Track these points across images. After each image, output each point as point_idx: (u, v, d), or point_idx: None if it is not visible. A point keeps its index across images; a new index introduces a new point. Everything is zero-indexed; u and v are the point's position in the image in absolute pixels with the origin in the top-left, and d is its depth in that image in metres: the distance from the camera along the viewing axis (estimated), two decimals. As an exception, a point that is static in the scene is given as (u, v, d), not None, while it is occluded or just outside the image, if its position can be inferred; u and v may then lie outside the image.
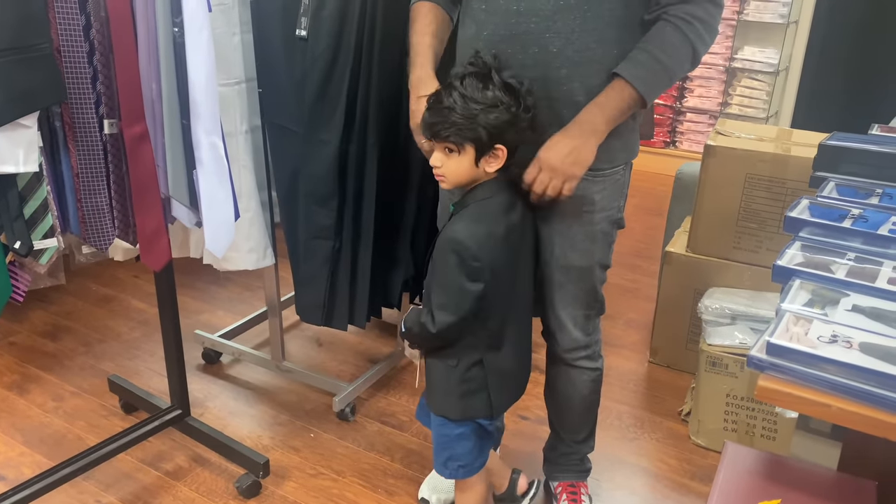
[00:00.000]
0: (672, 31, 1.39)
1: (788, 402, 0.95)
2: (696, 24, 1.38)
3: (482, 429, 1.56)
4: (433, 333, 1.42)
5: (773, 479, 1.21)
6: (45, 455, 2.04)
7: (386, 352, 2.55)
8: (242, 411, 2.26)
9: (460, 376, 1.48)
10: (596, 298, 1.65)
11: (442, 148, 1.37)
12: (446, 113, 1.33)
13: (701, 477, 2.04)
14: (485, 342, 1.47)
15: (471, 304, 1.39)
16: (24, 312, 2.73)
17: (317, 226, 1.93)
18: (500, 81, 1.34)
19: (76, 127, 1.40)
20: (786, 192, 2.18)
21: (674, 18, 1.38)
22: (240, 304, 2.88)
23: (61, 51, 1.34)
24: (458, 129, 1.32)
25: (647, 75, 1.39)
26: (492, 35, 1.43)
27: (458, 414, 1.52)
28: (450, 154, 1.36)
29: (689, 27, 1.38)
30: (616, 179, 1.55)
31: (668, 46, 1.39)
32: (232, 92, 1.87)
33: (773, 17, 4.06)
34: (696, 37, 1.39)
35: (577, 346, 1.67)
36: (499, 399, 1.54)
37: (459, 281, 1.38)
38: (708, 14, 1.40)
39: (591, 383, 1.74)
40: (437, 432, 1.58)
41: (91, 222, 1.47)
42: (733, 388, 2.07)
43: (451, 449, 1.56)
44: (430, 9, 1.54)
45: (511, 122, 1.34)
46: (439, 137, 1.35)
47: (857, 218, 1.28)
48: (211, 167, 1.51)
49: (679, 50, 1.40)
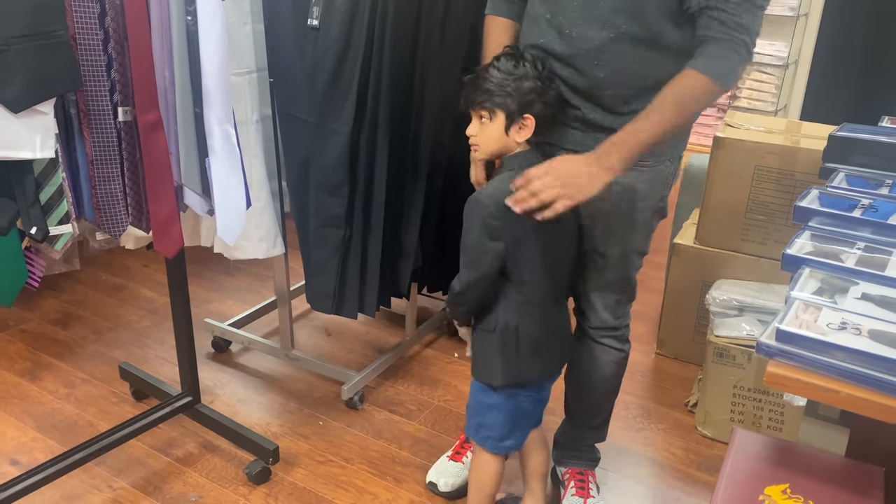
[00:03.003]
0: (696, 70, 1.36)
1: (797, 388, 0.96)
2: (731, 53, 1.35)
3: (518, 405, 1.58)
4: (458, 291, 1.50)
5: (780, 465, 1.22)
6: (58, 441, 2.07)
7: (394, 341, 2.56)
8: (252, 399, 2.28)
9: (498, 342, 1.53)
10: (629, 284, 1.66)
11: (477, 115, 1.46)
12: (481, 82, 1.44)
13: (707, 467, 2.05)
14: (520, 307, 1.51)
15: (491, 262, 1.45)
16: (35, 300, 2.75)
17: (327, 214, 1.94)
18: (531, 59, 1.44)
19: (91, 114, 1.41)
20: (794, 184, 2.18)
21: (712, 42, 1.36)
22: (249, 293, 2.90)
23: (77, 38, 1.35)
24: (490, 95, 1.42)
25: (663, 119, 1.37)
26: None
27: (501, 379, 1.55)
28: (482, 122, 1.45)
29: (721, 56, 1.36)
30: (661, 171, 1.55)
31: (687, 89, 1.37)
32: (243, 81, 1.88)
33: (783, 10, 4.05)
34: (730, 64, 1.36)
35: (604, 326, 1.69)
36: (531, 366, 1.57)
37: (481, 239, 1.44)
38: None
39: (614, 365, 1.74)
40: (473, 397, 1.63)
41: (105, 209, 1.49)
42: (740, 379, 2.08)
43: (483, 416, 1.61)
44: (503, 28, 1.59)
45: (539, 93, 1.43)
46: (474, 105, 1.45)
47: (867, 208, 1.29)
48: (223, 155, 1.52)
49: (700, 89, 1.37)
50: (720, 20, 1.33)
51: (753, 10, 1.33)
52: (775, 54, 4.13)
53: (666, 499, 1.95)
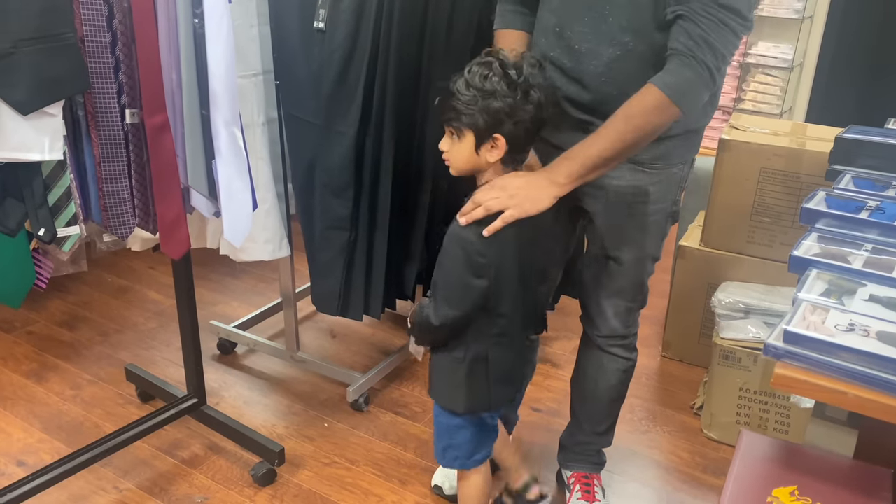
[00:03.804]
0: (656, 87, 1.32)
1: (805, 390, 0.96)
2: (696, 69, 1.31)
3: (482, 422, 1.57)
4: (435, 326, 1.43)
5: (788, 467, 1.22)
6: (64, 442, 2.07)
7: (399, 343, 2.56)
8: (257, 401, 2.29)
9: (465, 371, 1.48)
10: (641, 291, 1.65)
11: (448, 132, 1.40)
12: (449, 98, 1.36)
13: (713, 470, 2.05)
14: (492, 337, 1.47)
15: (474, 300, 1.40)
16: (41, 302, 2.76)
17: (333, 216, 1.94)
18: (501, 72, 1.33)
19: (98, 116, 1.42)
20: (800, 186, 2.18)
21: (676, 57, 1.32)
22: (255, 295, 2.90)
23: (85, 40, 1.36)
24: (456, 113, 1.35)
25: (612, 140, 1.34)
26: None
27: (464, 408, 1.53)
28: (452, 138, 1.40)
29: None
30: (673, 174, 1.54)
31: (641, 107, 1.33)
32: (249, 84, 1.88)
33: (788, 13, 4.04)
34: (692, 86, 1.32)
35: (613, 335, 1.68)
36: (499, 393, 1.55)
37: (464, 276, 1.38)
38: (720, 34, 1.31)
39: (621, 373, 1.74)
40: (437, 421, 1.60)
41: (112, 210, 1.49)
42: (746, 381, 2.07)
43: (450, 438, 1.58)
44: (517, 40, 1.54)
45: (508, 113, 1.33)
46: (444, 120, 1.39)
47: (874, 209, 1.29)
48: (230, 157, 1.53)
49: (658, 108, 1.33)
50: (688, 32, 1.28)
51: (725, 31, 1.28)
52: (780, 56, 4.12)
53: (672, 502, 1.95)
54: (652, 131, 1.34)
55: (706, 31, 1.27)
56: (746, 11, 1.29)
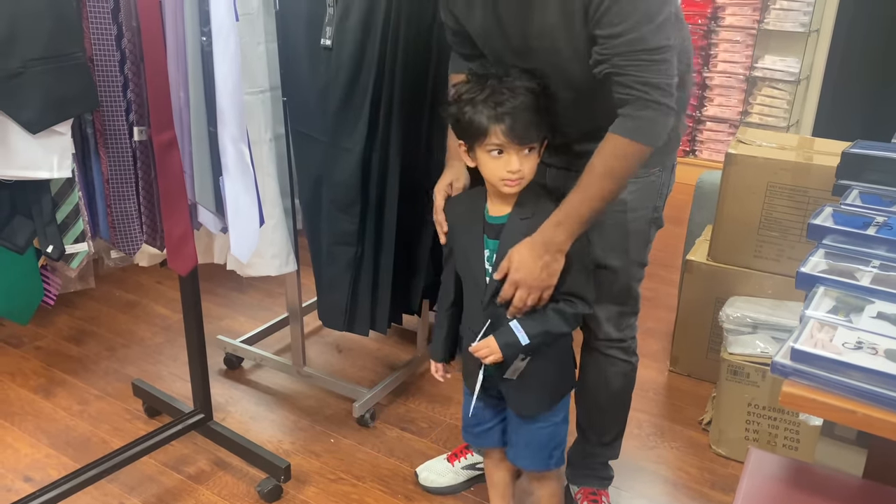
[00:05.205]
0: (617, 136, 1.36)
1: (813, 408, 0.95)
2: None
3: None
4: (562, 332, 1.49)
5: (797, 486, 1.20)
6: (71, 457, 2.07)
7: (405, 358, 2.56)
8: (263, 416, 2.28)
9: (570, 356, 1.59)
10: (630, 296, 1.66)
11: (523, 152, 1.37)
12: (527, 115, 1.34)
13: (722, 486, 2.03)
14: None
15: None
16: (49, 317, 2.77)
17: (340, 232, 1.95)
18: (522, 76, 1.38)
19: (107, 134, 1.43)
20: (808, 200, 2.17)
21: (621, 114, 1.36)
22: (261, 310, 2.91)
23: (94, 60, 1.37)
24: (536, 127, 1.36)
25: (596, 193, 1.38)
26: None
27: (573, 382, 1.62)
28: (527, 155, 1.38)
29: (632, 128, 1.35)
30: (651, 181, 1.56)
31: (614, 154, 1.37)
32: (256, 100, 1.89)
33: (794, 26, 4.05)
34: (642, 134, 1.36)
35: (609, 339, 1.70)
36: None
37: (590, 267, 1.49)
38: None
39: (621, 377, 1.74)
40: (543, 431, 1.58)
41: (120, 227, 1.50)
42: (755, 397, 2.06)
43: (557, 435, 1.60)
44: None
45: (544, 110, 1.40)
46: (524, 141, 1.36)
47: (882, 226, 1.28)
48: (237, 174, 1.54)
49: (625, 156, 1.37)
50: (624, 84, 1.31)
51: (657, 66, 1.30)
52: (787, 70, 4.13)
53: (680, 518, 1.93)
54: (632, 174, 1.40)
55: (640, 75, 1.30)
56: (664, 40, 1.30)
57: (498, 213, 1.47)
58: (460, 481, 1.98)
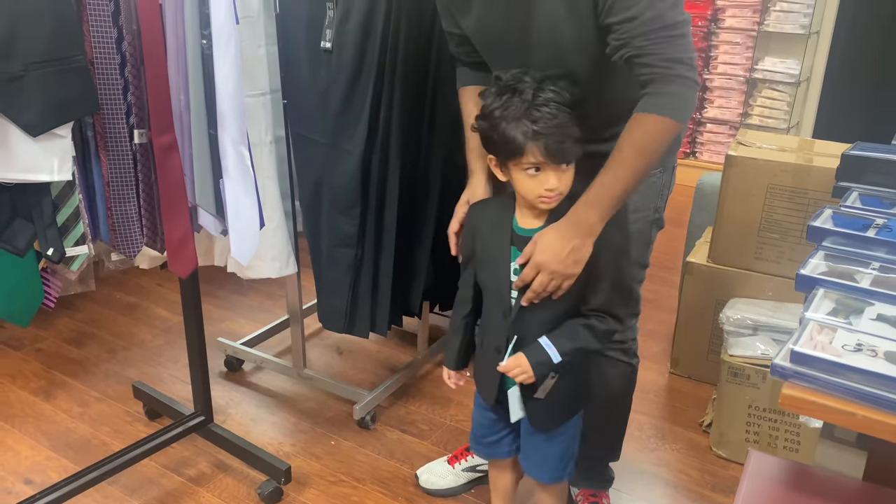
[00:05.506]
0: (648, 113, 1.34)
1: (813, 411, 0.95)
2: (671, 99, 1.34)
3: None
4: (596, 349, 1.45)
5: (797, 489, 1.20)
6: (72, 460, 2.07)
7: (406, 360, 2.56)
8: (264, 418, 2.28)
9: (583, 371, 1.55)
10: (631, 297, 1.66)
11: (561, 168, 1.33)
12: (565, 131, 1.29)
13: (722, 488, 2.03)
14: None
15: None
16: (50, 319, 2.77)
17: (340, 234, 1.95)
18: (557, 86, 1.33)
19: (107, 137, 1.43)
20: (808, 202, 2.17)
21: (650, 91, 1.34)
22: (262, 312, 2.91)
23: (94, 63, 1.38)
24: (579, 142, 1.32)
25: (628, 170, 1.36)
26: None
27: (581, 400, 1.57)
28: (564, 170, 1.33)
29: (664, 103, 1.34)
30: (652, 182, 1.56)
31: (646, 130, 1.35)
32: (257, 103, 1.89)
33: (795, 28, 4.05)
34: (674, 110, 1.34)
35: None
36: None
37: (624, 283, 1.50)
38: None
39: (622, 378, 1.74)
40: (559, 445, 1.56)
41: (120, 230, 1.50)
42: (755, 398, 2.06)
43: (574, 447, 1.58)
44: (477, 94, 1.53)
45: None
46: (569, 157, 1.32)
47: (882, 228, 1.28)
48: (237, 176, 1.54)
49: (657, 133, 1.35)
50: (646, 64, 1.30)
51: (675, 41, 1.29)
52: (787, 72, 4.13)
53: (681, 521, 1.93)
54: (662, 153, 1.38)
55: (662, 52, 1.29)
56: (680, 16, 1.31)
57: (529, 226, 1.41)
58: (461, 483, 1.98)
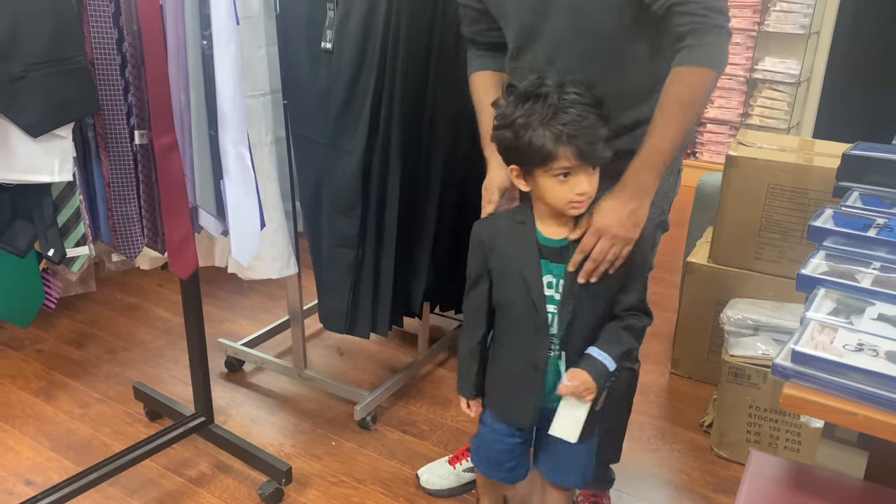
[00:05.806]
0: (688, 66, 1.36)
1: (814, 411, 0.95)
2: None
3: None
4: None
5: (798, 488, 1.20)
6: (72, 461, 2.07)
7: (407, 360, 2.55)
8: (265, 419, 2.28)
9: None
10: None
11: (590, 171, 1.30)
12: (596, 132, 1.26)
13: (723, 489, 2.03)
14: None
15: None
16: (50, 320, 2.77)
17: (340, 234, 1.95)
18: (585, 91, 1.30)
19: (108, 137, 1.43)
20: (808, 202, 2.17)
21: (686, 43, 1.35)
22: (262, 312, 2.91)
23: (95, 63, 1.38)
24: (607, 146, 1.29)
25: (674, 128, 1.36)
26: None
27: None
28: (592, 172, 1.31)
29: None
30: (660, 184, 1.55)
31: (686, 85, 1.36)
32: (257, 104, 1.90)
33: (795, 28, 4.05)
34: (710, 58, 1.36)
35: None
36: None
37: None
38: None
39: (624, 383, 1.73)
40: (583, 451, 1.52)
41: (121, 231, 1.50)
42: (756, 399, 2.05)
43: (593, 451, 1.55)
44: (493, 78, 1.55)
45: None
46: (599, 160, 1.29)
47: (882, 227, 1.28)
48: (238, 177, 1.54)
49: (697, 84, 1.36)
50: (686, 13, 1.32)
51: None
52: (787, 72, 4.13)
53: (682, 521, 1.93)
54: (706, 104, 1.41)
55: (702, 1, 1.32)
56: None
57: (554, 235, 1.36)
58: (462, 484, 1.98)
